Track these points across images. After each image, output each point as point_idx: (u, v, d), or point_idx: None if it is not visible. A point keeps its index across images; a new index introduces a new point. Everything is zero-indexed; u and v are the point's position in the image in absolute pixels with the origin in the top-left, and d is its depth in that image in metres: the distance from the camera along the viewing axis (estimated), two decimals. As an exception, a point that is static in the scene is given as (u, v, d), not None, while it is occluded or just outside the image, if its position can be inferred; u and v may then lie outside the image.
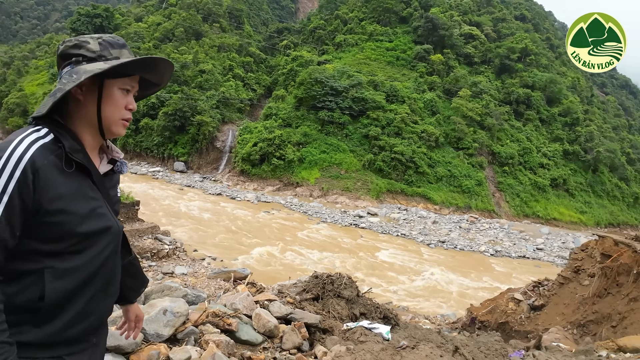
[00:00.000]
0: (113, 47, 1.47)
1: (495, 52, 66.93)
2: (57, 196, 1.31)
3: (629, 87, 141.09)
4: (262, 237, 26.92)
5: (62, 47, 1.48)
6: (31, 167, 1.26)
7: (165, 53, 63.92)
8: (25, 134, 1.32)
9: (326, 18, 77.21)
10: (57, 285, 1.34)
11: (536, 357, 4.78)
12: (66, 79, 1.38)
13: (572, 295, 11.24)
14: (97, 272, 1.45)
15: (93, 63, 1.41)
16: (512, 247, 34.34)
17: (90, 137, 1.47)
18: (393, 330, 4.36)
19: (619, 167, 64.37)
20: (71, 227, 1.35)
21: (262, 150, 44.92)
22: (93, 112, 1.43)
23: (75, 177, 1.38)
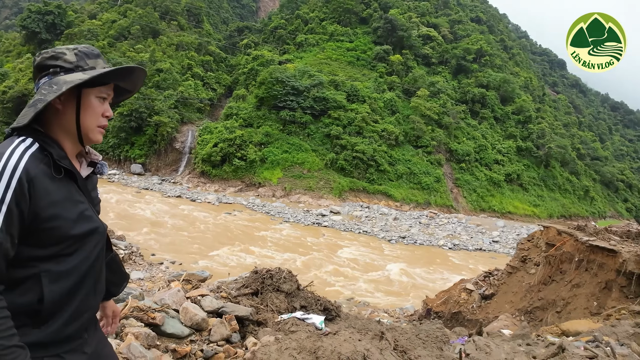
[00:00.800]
0: (89, 57, 1.52)
1: (451, 53, 68.96)
2: (50, 203, 1.37)
3: (579, 86, 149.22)
4: (223, 239, 26.47)
5: (39, 59, 1.51)
6: (26, 177, 1.31)
7: (120, 52, 61.70)
8: (14, 145, 1.35)
9: (287, 17, 77.03)
10: (54, 287, 1.40)
11: (476, 342, 4.89)
12: (46, 89, 1.42)
13: (520, 284, 11.71)
14: (88, 271, 1.51)
15: (71, 74, 1.46)
16: (469, 241, 35.47)
17: (70, 144, 1.52)
18: (334, 321, 4.37)
19: (570, 162, 67.99)
20: (64, 231, 1.41)
21: (223, 151, 44.20)
22: (72, 121, 1.49)
23: (63, 183, 1.44)
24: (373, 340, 3.19)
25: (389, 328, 4.52)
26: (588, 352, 3.10)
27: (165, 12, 74.52)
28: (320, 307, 4.45)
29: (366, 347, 2.74)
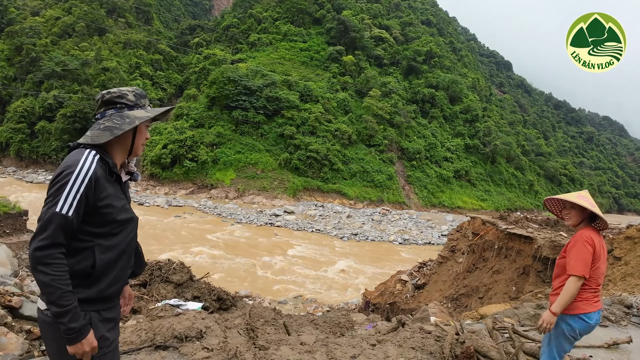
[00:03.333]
0: (142, 98, 2.09)
1: (403, 55, 70.77)
2: (106, 195, 1.92)
3: (524, 86, 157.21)
4: (170, 243, 25.84)
5: (109, 96, 2.02)
6: (94, 176, 1.86)
7: (64, 50, 58.88)
8: (86, 155, 1.88)
9: (240, 16, 76.22)
10: (103, 257, 1.92)
11: (377, 326, 5.07)
12: (119, 120, 1.97)
13: (449, 273, 12.24)
14: (125, 249, 2.04)
15: (133, 110, 2.02)
16: (419, 235, 36.49)
17: (120, 157, 2.06)
18: (229, 310, 4.44)
19: (515, 158, 71.62)
20: (113, 216, 1.95)
21: (173, 152, 43.13)
22: (129, 142, 2.05)
23: (114, 183, 1.99)
24: (230, 321, 3.29)
25: (284, 315, 4.64)
26: (436, 327, 3.33)
27: (112, 9, 71.81)
28: (213, 297, 4.51)
29: (207, 325, 2.83)
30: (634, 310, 5.01)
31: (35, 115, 51.24)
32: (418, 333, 3.19)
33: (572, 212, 2.98)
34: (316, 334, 3.55)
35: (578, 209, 2.94)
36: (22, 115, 51.45)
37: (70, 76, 54.06)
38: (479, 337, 3.04)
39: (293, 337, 3.28)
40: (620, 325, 4.63)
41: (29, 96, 53.35)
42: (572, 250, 2.85)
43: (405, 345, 2.93)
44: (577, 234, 2.90)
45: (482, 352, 2.85)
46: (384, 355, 2.79)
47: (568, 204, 2.98)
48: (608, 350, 3.84)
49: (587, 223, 2.98)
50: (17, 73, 55.93)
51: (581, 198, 2.93)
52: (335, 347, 2.94)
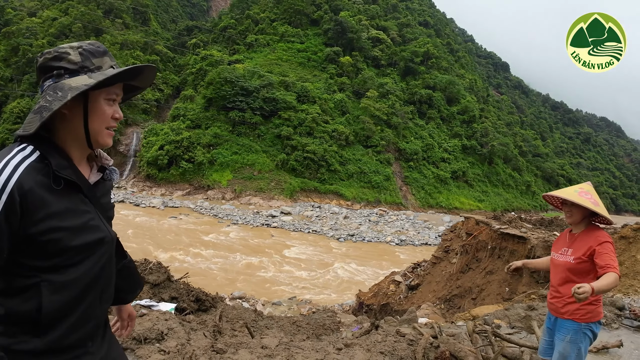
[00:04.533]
0: (94, 56, 1.40)
1: (400, 56, 70.76)
2: (47, 215, 1.29)
3: (522, 87, 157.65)
4: (166, 244, 25.65)
5: (41, 60, 1.39)
6: (18, 191, 1.23)
7: (60, 51, 58.69)
8: (11, 156, 1.28)
9: (237, 17, 76.15)
10: (53, 298, 1.33)
11: (363, 327, 4.95)
12: (51, 95, 1.32)
13: (443, 273, 12.11)
14: (93, 281, 1.44)
15: (76, 77, 1.35)
16: (416, 236, 36.41)
17: (78, 150, 1.43)
18: (208, 311, 4.32)
19: (512, 159, 71.69)
20: (65, 243, 1.32)
21: (170, 153, 42.96)
22: (80, 126, 1.39)
23: (64, 193, 1.34)
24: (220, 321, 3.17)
25: (265, 317, 4.51)
26: (413, 330, 3.21)
27: (109, 10, 71.69)
28: (192, 298, 4.40)
29: (170, 326, 2.70)
30: (626, 312, 4.90)
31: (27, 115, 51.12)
32: (391, 336, 3.06)
33: (573, 209, 2.78)
34: (280, 337, 3.41)
35: (580, 207, 2.75)
36: (18, 116, 51.21)
37: (67, 77, 53.79)
38: (457, 341, 2.92)
39: (255, 340, 3.14)
40: (612, 328, 4.52)
41: (25, 97, 53.16)
42: (606, 251, 2.62)
43: (374, 350, 2.80)
44: (600, 235, 2.69)
45: (458, 356, 2.72)
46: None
47: (569, 201, 2.78)
48: (597, 354, 3.71)
49: (589, 220, 2.82)
50: (13, 74, 55.73)
51: (583, 195, 2.74)
52: (297, 352, 2.81)
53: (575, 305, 2.70)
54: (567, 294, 2.74)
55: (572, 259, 2.76)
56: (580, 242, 2.77)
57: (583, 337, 2.69)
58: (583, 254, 2.69)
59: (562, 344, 2.72)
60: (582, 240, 2.76)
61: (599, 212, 2.69)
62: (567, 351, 2.70)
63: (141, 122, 51.09)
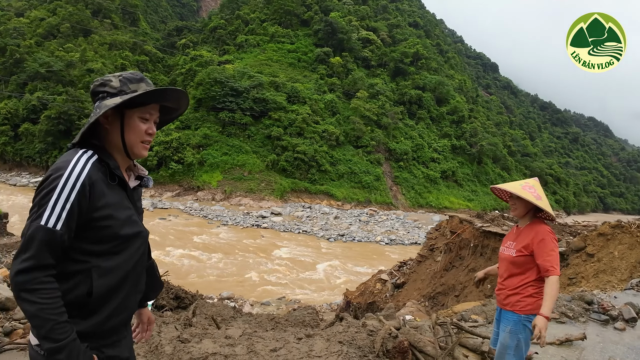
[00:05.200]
0: (131, 82, 1.68)
1: (390, 56, 71.11)
2: (105, 204, 1.56)
3: (511, 87, 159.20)
4: (154, 245, 25.54)
5: (92, 87, 1.70)
6: (88, 181, 1.51)
7: (49, 51, 58.14)
8: (79, 155, 1.55)
9: (227, 18, 75.94)
10: (102, 282, 1.55)
11: (342, 322, 5.04)
12: (94, 112, 1.62)
13: (427, 271, 12.29)
14: (131, 270, 1.67)
15: (113, 98, 1.63)
16: (406, 235, 36.66)
17: (120, 158, 1.70)
18: (188, 309, 4.40)
19: (501, 159, 72.38)
20: (115, 230, 1.58)
21: (159, 155, 42.74)
22: (118, 138, 1.66)
23: (116, 189, 1.63)
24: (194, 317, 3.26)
25: (243, 314, 4.60)
26: (379, 322, 3.30)
27: (97, 10, 71.13)
28: (171, 295, 4.46)
29: None
30: (595, 307, 5.05)
31: (19, 117, 50.49)
32: (353, 328, 3.17)
33: (517, 202, 2.84)
34: (244, 328, 3.51)
35: (524, 200, 2.80)
36: (5, 117, 50.64)
37: (55, 78, 53.39)
38: (418, 332, 3.02)
39: (220, 331, 3.24)
40: (579, 321, 4.66)
41: (12, 98, 52.51)
42: (545, 250, 2.68)
43: (333, 340, 2.90)
44: (540, 231, 2.74)
45: (418, 347, 2.83)
46: (307, 349, 2.76)
47: (514, 195, 2.84)
48: (560, 347, 3.83)
49: (533, 214, 2.87)
50: (0, 74, 55.01)
51: (527, 189, 2.79)
52: (257, 341, 2.91)
53: (517, 298, 2.78)
54: (510, 287, 2.83)
55: (514, 252, 2.83)
56: (523, 236, 2.84)
57: (522, 329, 2.75)
58: (524, 247, 2.77)
59: (503, 334, 2.82)
60: (524, 234, 2.83)
61: (541, 206, 2.74)
62: (507, 342, 2.78)
63: (130, 123, 50.82)
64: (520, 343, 2.77)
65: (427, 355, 2.84)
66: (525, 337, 2.77)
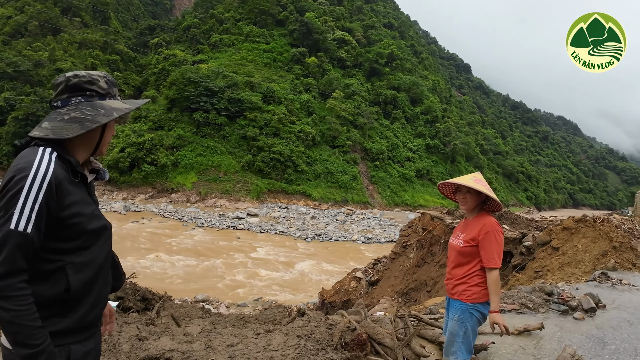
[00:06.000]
0: (114, 86, 1.77)
1: (365, 57, 71.69)
2: (72, 202, 1.57)
3: (483, 87, 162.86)
4: (126, 249, 24.97)
5: (76, 80, 1.67)
6: (55, 180, 1.51)
7: (16, 50, 56.07)
8: (42, 153, 1.53)
9: (201, 17, 74.96)
10: (78, 277, 1.59)
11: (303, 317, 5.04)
12: (91, 111, 1.63)
13: (400, 268, 12.45)
14: (103, 263, 1.72)
15: (106, 100, 1.70)
16: (382, 234, 37.01)
17: (83, 154, 1.72)
18: (152, 309, 4.35)
19: (474, 157, 73.98)
20: (83, 227, 1.60)
21: (131, 156, 41.80)
22: (97, 137, 1.72)
23: (79, 186, 1.65)
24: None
25: (213, 314, 4.57)
26: (342, 317, 3.36)
27: (67, 8, 69.02)
28: (138, 297, 4.40)
29: None
30: (555, 298, 5.23)
31: (-18, 119, 48.53)
32: (313, 322, 3.20)
33: (467, 196, 2.92)
34: (203, 325, 3.51)
35: (474, 193, 2.90)
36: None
37: (22, 78, 51.58)
38: (378, 325, 3.08)
39: (179, 329, 3.22)
40: (539, 312, 4.82)
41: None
42: (489, 242, 2.78)
43: (291, 334, 2.92)
44: (487, 223, 2.83)
45: (376, 339, 2.88)
46: (265, 344, 2.78)
47: (464, 188, 2.92)
48: (518, 337, 3.96)
49: (481, 206, 2.97)
50: (-38, 74, 52.77)
51: (477, 182, 2.89)
52: (215, 337, 2.91)
53: (463, 287, 2.87)
54: (457, 276, 2.93)
55: (461, 243, 2.93)
56: (470, 227, 2.94)
57: (470, 317, 2.83)
58: (471, 238, 2.87)
59: (452, 322, 2.90)
60: (472, 225, 2.93)
61: (492, 197, 2.86)
62: (455, 329, 2.86)
63: (101, 124, 49.53)
64: (468, 331, 2.84)
65: (385, 346, 2.90)
66: (472, 325, 2.85)
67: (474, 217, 2.98)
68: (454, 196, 3.12)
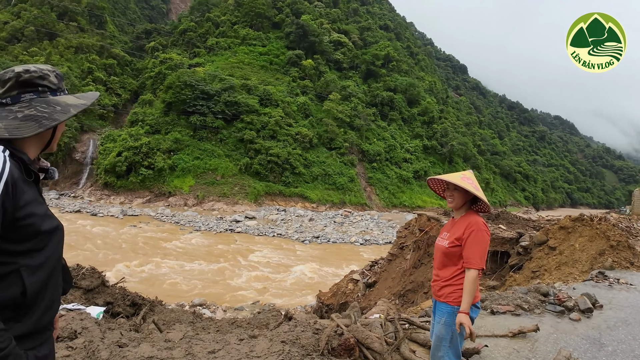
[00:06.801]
0: (62, 80, 1.72)
1: (361, 59, 71.77)
2: (27, 202, 1.50)
3: (479, 88, 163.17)
4: (123, 253, 24.87)
5: (27, 76, 1.60)
6: (11, 180, 1.44)
7: (12, 55, 55.89)
8: None
9: (197, 20, 74.94)
10: (33, 279, 1.53)
11: (290, 322, 4.97)
12: (46, 108, 1.58)
13: (398, 270, 12.39)
14: (56, 265, 1.67)
15: (59, 95, 1.65)
16: (380, 235, 36.98)
17: (33, 152, 1.65)
18: (148, 315, 4.29)
19: (471, 158, 74.07)
20: (37, 227, 1.54)
21: (128, 160, 41.68)
22: (49, 134, 1.68)
23: (31, 185, 1.58)
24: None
25: (204, 318, 4.50)
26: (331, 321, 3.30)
27: (63, 13, 68.87)
28: (127, 302, 4.34)
29: (84, 326, 2.71)
30: (551, 299, 5.18)
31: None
32: (300, 327, 3.13)
33: (455, 193, 2.86)
34: (185, 331, 3.44)
35: (462, 191, 2.83)
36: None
37: (16, 82, 51.37)
38: (367, 329, 3.01)
39: (161, 335, 3.16)
40: (534, 313, 4.76)
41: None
42: (473, 242, 2.69)
43: (276, 339, 2.86)
44: (473, 222, 2.76)
45: (365, 343, 2.81)
46: (248, 350, 2.71)
47: (452, 185, 2.86)
48: (513, 339, 3.88)
49: (469, 206, 2.90)
50: (-43, 80, 52.64)
51: (465, 180, 2.81)
52: (197, 343, 2.85)
53: (450, 289, 2.78)
54: (444, 277, 2.84)
55: (446, 243, 2.86)
56: (456, 227, 2.87)
57: (455, 324, 2.71)
58: (456, 238, 2.80)
59: (438, 326, 2.81)
60: (458, 225, 2.86)
61: (479, 196, 2.78)
62: (442, 333, 2.77)
63: (98, 129, 49.34)
64: (455, 335, 2.75)
65: (374, 351, 2.83)
66: (457, 329, 2.73)
67: (461, 216, 2.90)
68: (444, 194, 3.04)
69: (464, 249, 2.72)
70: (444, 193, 3.03)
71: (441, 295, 2.84)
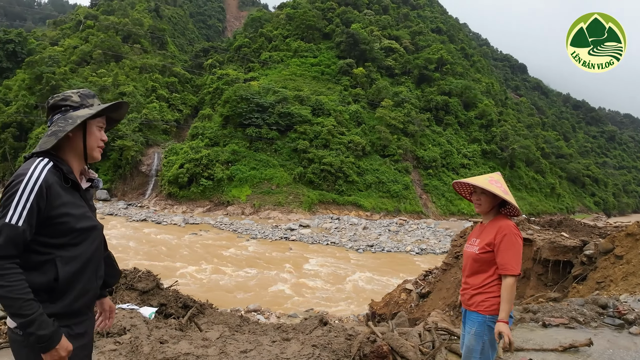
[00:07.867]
0: (88, 97, 2.05)
1: (414, 64, 70.75)
2: (61, 203, 1.87)
3: (541, 88, 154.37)
4: (185, 260, 26.22)
5: (52, 101, 2.03)
6: (45, 184, 1.82)
7: (82, 77, 61.23)
8: (37, 163, 1.86)
9: (251, 36, 77.84)
10: (66, 268, 1.87)
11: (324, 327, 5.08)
12: (62, 123, 1.94)
13: (452, 280, 12.06)
14: (90, 259, 1.99)
15: (79, 110, 1.98)
16: (437, 244, 36.00)
17: (76, 163, 2.02)
18: (197, 317, 4.60)
19: (535, 161, 70.16)
20: (72, 225, 1.89)
21: (190, 172, 44.00)
22: (80, 144, 2.01)
23: (70, 191, 1.94)
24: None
25: (250, 322, 4.73)
26: (367, 328, 3.37)
27: (127, 36, 74.43)
28: (180, 304, 4.69)
29: (133, 323, 3.00)
30: (610, 311, 4.88)
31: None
32: (333, 332, 3.22)
33: (482, 197, 2.77)
34: (222, 332, 3.65)
35: (489, 195, 2.74)
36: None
37: (90, 103, 56.01)
38: (403, 337, 3.04)
39: (200, 334, 3.40)
40: (590, 326, 4.52)
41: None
42: (506, 247, 2.60)
43: (307, 343, 2.96)
44: (504, 226, 2.67)
45: (399, 352, 2.84)
46: (279, 351, 2.85)
47: (478, 189, 2.77)
48: (563, 353, 3.70)
49: (498, 209, 2.82)
50: (37, 101, 58.22)
51: (493, 183, 2.73)
52: (231, 342, 3.04)
53: (481, 297, 2.70)
54: (474, 285, 2.76)
55: (477, 249, 2.78)
56: (486, 232, 2.79)
57: (488, 330, 2.65)
58: (487, 244, 2.71)
59: (468, 337, 2.73)
60: (488, 230, 2.78)
61: (508, 200, 2.69)
62: (473, 344, 2.69)
63: (162, 143, 52.55)
64: (486, 346, 2.67)
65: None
66: (490, 339, 2.67)
67: (490, 221, 2.83)
68: (470, 197, 2.98)
69: (497, 255, 2.65)
70: (471, 197, 2.98)
71: (471, 304, 2.77)
